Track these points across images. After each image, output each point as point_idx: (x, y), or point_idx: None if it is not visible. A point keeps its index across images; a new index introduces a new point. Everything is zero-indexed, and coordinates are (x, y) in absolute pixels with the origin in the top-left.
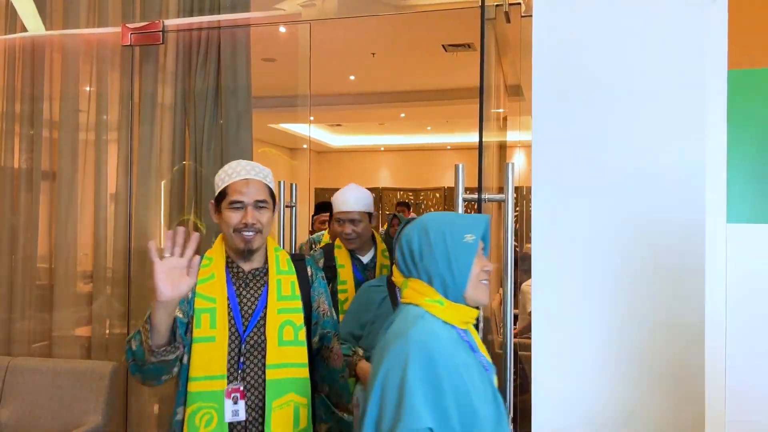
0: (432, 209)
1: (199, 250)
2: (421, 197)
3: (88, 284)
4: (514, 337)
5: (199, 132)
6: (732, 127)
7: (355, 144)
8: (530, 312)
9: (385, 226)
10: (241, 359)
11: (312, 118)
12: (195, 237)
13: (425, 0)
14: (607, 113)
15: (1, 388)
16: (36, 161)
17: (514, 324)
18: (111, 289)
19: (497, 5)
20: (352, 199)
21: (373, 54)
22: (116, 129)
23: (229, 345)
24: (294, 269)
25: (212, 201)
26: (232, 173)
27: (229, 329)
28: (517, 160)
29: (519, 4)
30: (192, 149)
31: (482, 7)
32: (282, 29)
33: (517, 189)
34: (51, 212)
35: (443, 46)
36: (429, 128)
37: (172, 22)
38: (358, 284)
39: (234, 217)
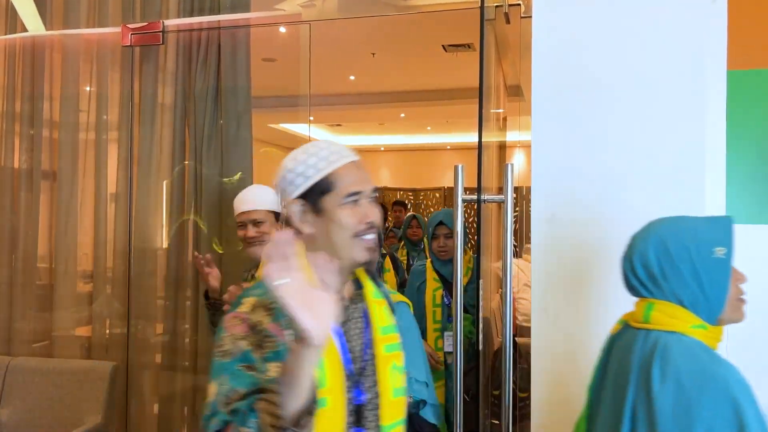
0: (432, 209)
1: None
2: (421, 197)
3: (88, 284)
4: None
5: (199, 132)
6: (731, 128)
7: (355, 144)
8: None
9: (401, 228)
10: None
11: (312, 118)
12: None
13: (425, 0)
14: (606, 114)
15: (1, 388)
16: (36, 161)
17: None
18: (111, 289)
19: (497, 6)
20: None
21: (373, 54)
22: (116, 129)
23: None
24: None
25: (290, 203)
26: (329, 155)
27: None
28: (517, 160)
29: (519, 4)
30: (192, 149)
31: (482, 7)
32: (282, 29)
33: (516, 189)
34: (51, 212)
35: (443, 46)
36: (429, 128)
37: (172, 23)
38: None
39: (353, 216)
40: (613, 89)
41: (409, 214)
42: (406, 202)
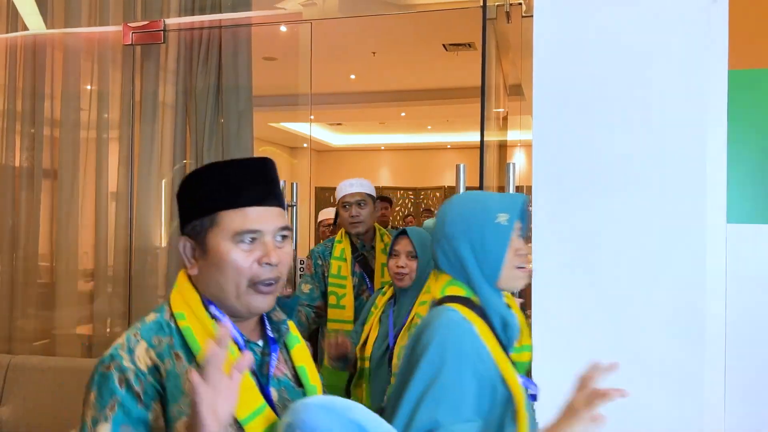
0: (433, 208)
1: None
2: (422, 196)
3: (89, 283)
4: None
5: (200, 131)
6: (732, 128)
7: (356, 143)
8: None
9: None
10: None
11: (312, 117)
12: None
13: None
14: (607, 113)
15: (2, 386)
16: (37, 159)
17: None
18: (112, 288)
19: (498, 5)
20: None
21: (374, 53)
22: (117, 127)
23: None
24: None
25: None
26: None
27: None
28: (518, 159)
29: (520, 4)
30: (193, 148)
31: (483, 6)
32: (283, 28)
33: (517, 188)
34: (52, 211)
35: (444, 45)
36: (429, 127)
37: (173, 21)
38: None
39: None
40: (614, 89)
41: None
42: (390, 198)
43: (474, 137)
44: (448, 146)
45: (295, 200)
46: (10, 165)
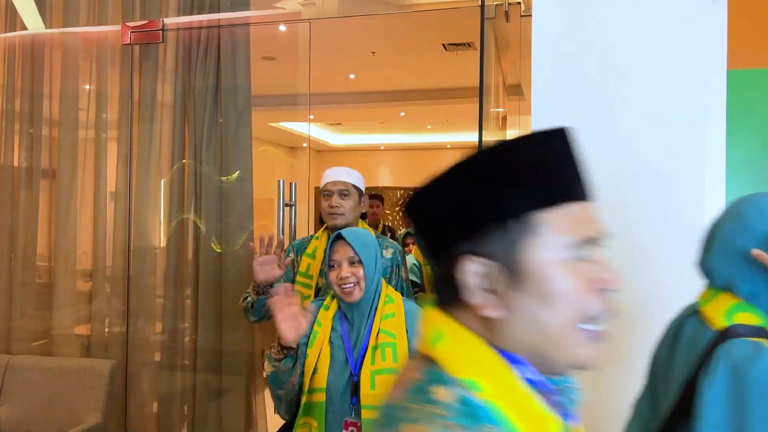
0: None
1: (199, 251)
2: None
3: (87, 282)
4: None
5: (199, 130)
6: (731, 127)
7: (355, 143)
8: None
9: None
10: None
11: (312, 116)
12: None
13: None
14: (606, 113)
15: (0, 386)
16: (36, 159)
17: None
18: (110, 288)
19: (497, 4)
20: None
21: (373, 53)
22: (116, 127)
23: None
24: None
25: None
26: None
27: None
28: None
29: (519, 3)
30: (191, 148)
31: (482, 6)
32: (282, 28)
33: None
34: (51, 210)
35: (443, 45)
36: (429, 127)
37: (171, 21)
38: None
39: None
40: (612, 88)
41: (406, 230)
42: (382, 196)
43: (474, 137)
44: (448, 146)
45: (294, 200)
46: (8, 165)
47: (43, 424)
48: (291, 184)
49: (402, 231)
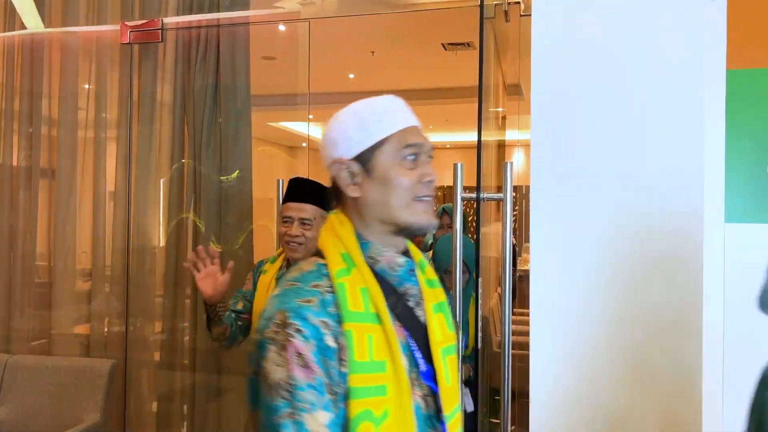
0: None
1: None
2: None
3: (87, 282)
4: None
5: (198, 130)
6: (730, 127)
7: None
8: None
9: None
10: None
11: (311, 116)
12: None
13: None
14: (605, 112)
15: None
16: (35, 159)
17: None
18: (110, 287)
19: (496, 4)
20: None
21: (373, 52)
22: (115, 127)
23: None
24: None
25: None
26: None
27: None
28: (517, 159)
29: (518, 2)
30: (191, 147)
31: (481, 5)
32: (281, 27)
33: (516, 188)
34: (50, 210)
35: (443, 44)
36: (429, 127)
37: (171, 20)
38: None
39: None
40: (612, 88)
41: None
42: None
43: (474, 137)
44: (448, 146)
45: None
46: (7, 164)
47: (43, 424)
48: None
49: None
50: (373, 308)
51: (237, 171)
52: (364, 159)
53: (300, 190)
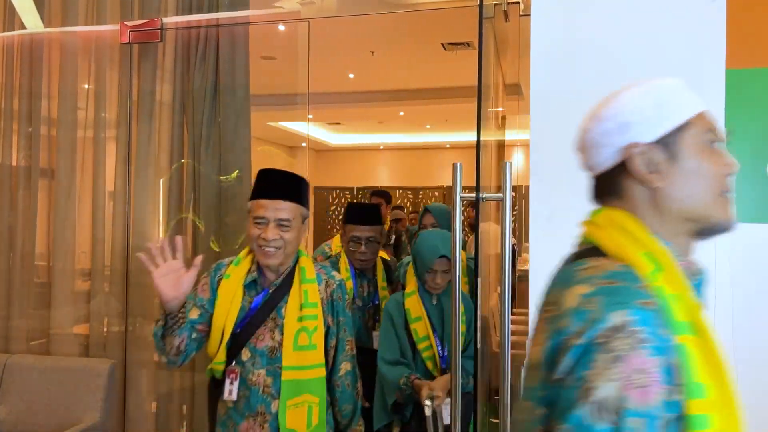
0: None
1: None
2: (420, 196)
3: (86, 282)
4: None
5: (198, 130)
6: (730, 126)
7: (354, 142)
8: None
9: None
10: None
11: (311, 116)
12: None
13: None
14: None
15: None
16: (34, 159)
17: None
18: (109, 287)
19: (496, 4)
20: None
21: (373, 52)
22: (115, 126)
23: None
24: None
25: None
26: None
27: None
28: (516, 159)
29: (518, 2)
30: (190, 147)
31: (480, 5)
32: (281, 27)
33: (516, 188)
34: (49, 210)
35: (442, 44)
36: (428, 126)
37: (170, 20)
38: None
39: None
40: (611, 87)
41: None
42: (388, 192)
43: (473, 137)
44: (447, 146)
45: None
46: (7, 164)
47: (42, 424)
48: None
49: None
50: (689, 318)
51: (236, 171)
52: (668, 143)
53: (275, 184)
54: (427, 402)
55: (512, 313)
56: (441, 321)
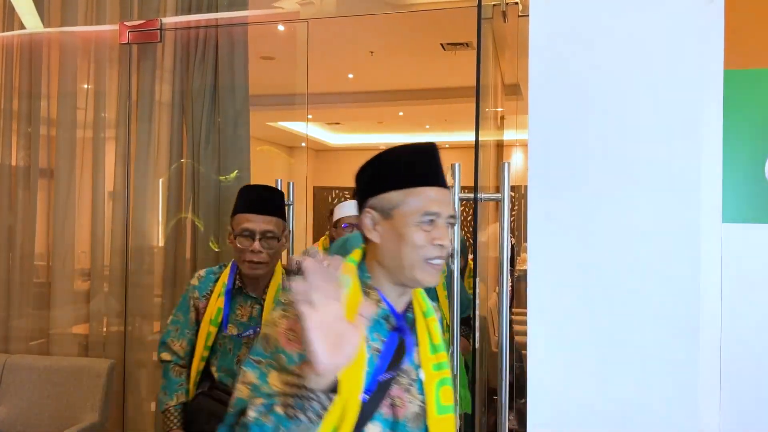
0: None
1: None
2: None
3: (85, 282)
4: None
5: (197, 130)
6: (728, 127)
7: (354, 142)
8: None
9: None
10: None
11: (310, 116)
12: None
13: None
14: (603, 112)
15: None
16: (34, 159)
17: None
18: (108, 287)
19: (494, 4)
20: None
21: (372, 52)
22: (114, 127)
23: None
24: None
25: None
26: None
27: None
28: (515, 159)
29: (516, 3)
30: (190, 147)
31: (479, 6)
32: (280, 27)
33: (515, 188)
34: (49, 210)
35: (442, 44)
36: (428, 127)
37: (170, 20)
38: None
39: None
40: (609, 87)
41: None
42: None
43: (472, 137)
44: (447, 146)
45: (292, 200)
46: (6, 164)
47: (41, 424)
48: (289, 183)
49: None
50: None
51: (236, 171)
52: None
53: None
54: None
55: (512, 313)
56: None
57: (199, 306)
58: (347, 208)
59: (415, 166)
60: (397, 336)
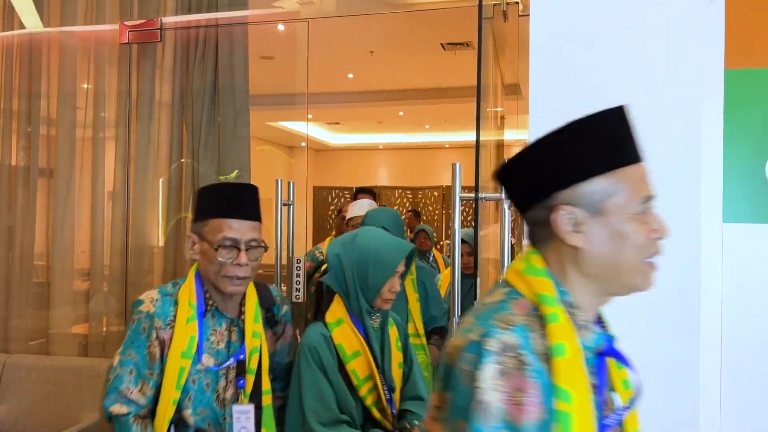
0: (430, 207)
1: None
2: (420, 196)
3: (85, 282)
4: None
5: (197, 130)
6: (728, 127)
7: (354, 142)
8: None
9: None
10: None
11: (310, 116)
12: None
13: None
14: None
15: None
16: (33, 158)
17: None
18: (108, 287)
19: (495, 4)
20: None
21: (372, 52)
22: (114, 126)
23: None
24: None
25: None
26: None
27: None
28: None
29: (517, 3)
30: (189, 147)
31: (479, 6)
32: (280, 27)
33: None
34: (48, 210)
35: (442, 44)
36: (428, 126)
37: (169, 20)
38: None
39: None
40: (610, 87)
41: (418, 226)
42: (373, 189)
43: (472, 137)
44: (447, 145)
45: (291, 199)
46: (6, 164)
47: (41, 424)
48: (289, 183)
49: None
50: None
51: (236, 171)
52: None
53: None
54: None
55: None
56: (382, 351)
57: (164, 337)
58: (360, 207)
59: (619, 138)
60: (605, 360)
